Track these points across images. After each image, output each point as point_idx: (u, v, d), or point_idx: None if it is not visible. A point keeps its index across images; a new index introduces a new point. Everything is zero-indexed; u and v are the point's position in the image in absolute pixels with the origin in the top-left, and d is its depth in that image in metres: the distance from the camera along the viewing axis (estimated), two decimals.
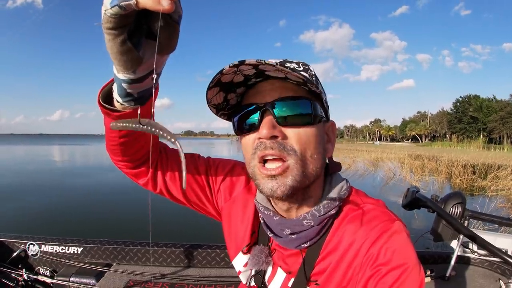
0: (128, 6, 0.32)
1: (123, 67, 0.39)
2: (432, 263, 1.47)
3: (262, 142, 0.50)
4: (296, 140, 0.50)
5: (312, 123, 0.51)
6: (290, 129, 0.50)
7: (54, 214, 5.42)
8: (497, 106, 70.54)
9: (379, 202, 0.57)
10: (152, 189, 0.67)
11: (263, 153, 0.49)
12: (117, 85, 0.44)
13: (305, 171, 0.50)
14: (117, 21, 0.34)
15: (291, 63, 0.53)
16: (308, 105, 0.51)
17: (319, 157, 0.53)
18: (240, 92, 0.54)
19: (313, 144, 0.51)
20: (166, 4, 0.31)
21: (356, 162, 14.68)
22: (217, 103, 0.55)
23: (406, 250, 0.48)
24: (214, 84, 0.50)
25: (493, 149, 29.28)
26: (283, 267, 0.60)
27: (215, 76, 0.49)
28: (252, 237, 0.65)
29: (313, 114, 0.51)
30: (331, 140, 0.58)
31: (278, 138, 0.49)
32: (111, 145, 0.57)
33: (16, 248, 1.61)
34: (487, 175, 8.90)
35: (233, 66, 0.46)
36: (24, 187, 7.92)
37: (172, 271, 1.52)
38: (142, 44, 0.39)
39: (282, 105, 0.50)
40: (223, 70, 0.47)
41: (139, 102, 0.47)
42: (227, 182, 0.69)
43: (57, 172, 11.78)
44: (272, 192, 0.49)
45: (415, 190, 1.34)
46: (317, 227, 0.53)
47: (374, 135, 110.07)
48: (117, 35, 0.36)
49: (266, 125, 0.49)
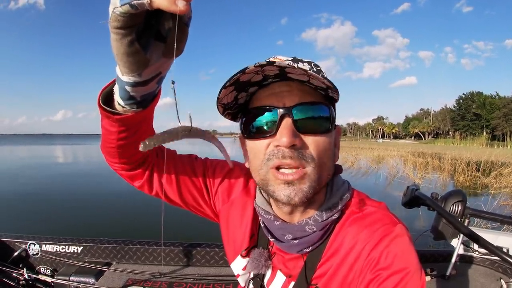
0: (140, 5, 0.30)
1: (128, 69, 0.38)
2: (432, 261, 1.46)
3: (280, 150, 0.47)
4: (314, 148, 0.48)
5: (330, 130, 0.50)
6: (309, 137, 0.48)
7: (55, 213, 5.44)
8: (500, 103, 69.94)
9: (381, 204, 0.56)
10: (148, 191, 0.66)
11: (280, 162, 0.47)
12: (119, 87, 0.43)
13: (320, 178, 0.49)
14: (127, 20, 0.32)
15: (303, 63, 0.52)
16: (327, 111, 0.49)
17: (331, 164, 0.52)
18: (252, 91, 0.52)
19: (328, 152, 0.50)
20: (182, 5, 0.30)
21: (358, 160, 14.63)
22: (227, 102, 0.52)
23: (408, 254, 0.47)
24: (231, 83, 0.47)
25: (496, 146, 29.07)
26: (283, 271, 0.59)
27: (235, 75, 0.45)
28: (251, 240, 0.64)
29: (331, 121, 0.50)
30: (337, 145, 0.57)
31: (297, 146, 0.47)
32: (108, 147, 0.56)
33: (17, 248, 1.62)
34: (491, 173, 8.84)
35: (259, 66, 0.43)
36: (25, 187, 7.96)
37: (171, 270, 1.52)
38: (150, 46, 0.37)
39: (303, 111, 0.47)
40: (246, 70, 0.44)
41: (141, 106, 0.46)
42: (225, 184, 0.68)
43: (58, 172, 11.83)
44: (289, 199, 0.47)
45: (414, 188, 1.33)
46: (319, 232, 0.53)
47: (377, 133, 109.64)
48: (125, 35, 0.34)
49: (288, 133, 0.46)
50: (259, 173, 0.51)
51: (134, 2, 0.30)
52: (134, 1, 0.30)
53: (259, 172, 0.50)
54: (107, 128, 0.50)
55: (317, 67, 0.53)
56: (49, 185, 8.52)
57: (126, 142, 0.53)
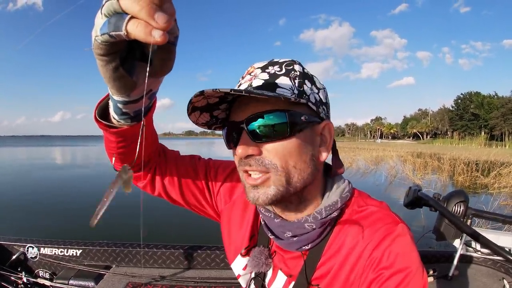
0: (118, 36, 0.30)
1: (117, 91, 0.38)
2: (434, 262, 1.46)
3: (241, 160, 0.51)
4: (274, 155, 0.49)
5: (290, 135, 0.49)
6: (266, 145, 0.49)
7: (53, 216, 5.40)
8: (499, 102, 70.28)
9: (383, 204, 0.56)
10: (151, 191, 0.67)
11: (244, 169, 0.51)
12: (112, 104, 0.43)
13: (289, 180, 0.49)
14: (108, 48, 0.32)
15: (274, 66, 0.52)
16: (283, 117, 0.48)
17: (305, 165, 0.51)
18: (223, 108, 0.54)
19: (294, 155, 0.49)
20: (158, 35, 0.29)
21: (356, 160, 14.62)
22: (205, 121, 0.55)
23: (410, 254, 0.47)
24: (190, 110, 0.51)
25: (495, 146, 29.19)
26: (284, 270, 0.59)
27: (188, 105, 0.50)
28: (252, 240, 0.64)
29: (289, 126, 0.48)
30: (327, 141, 0.54)
31: (255, 156, 0.49)
32: (110, 153, 0.57)
33: (15, 251, 1.60)
34: (490, 173, 8.85)
35: (200, 95, 0.47)
36: (23, 190, 7.91)
37: (171, 273, 1.51)
38: (136, 68, 0.37)
39: (255, 121, 0.49)
40: (192, 100, 0.48)
41: (136, 120, 0.46)
42: (227, 185, 0.69)
43: (56, 174, 11.76)
44: (254, 200, 0.51)
45: (417, 189, 1.33)
46: (318, 229, 0.53)
47: (375, 133, 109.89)
48: (108, 62, 0.34)
49: (240, 145, 0.49)
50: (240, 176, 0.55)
51: (112, 33, 0.30)
52: (112, 32, 0.30)
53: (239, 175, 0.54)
54: (106, 137, 0.52)
55: (289, 67, 0.52)
56: (47, 187, 8.47)
57: (126, 150, 0.54)
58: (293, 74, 0.52)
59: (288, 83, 0.50)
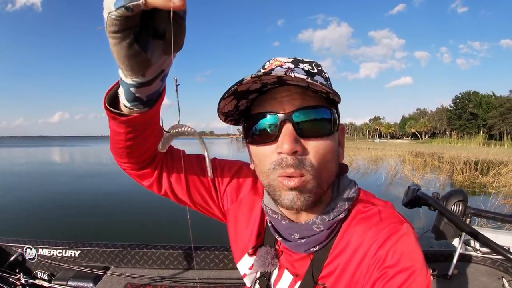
0: (135, 6, 0.30)
1: (131, 71, 0.38)
2: (434, 261, 1.45)
3: (283, 158, 0.47)
4: (315, 153, 0.48)
5: (331, 133, 0.49)
6: (310, 142, 0.48)
7: (51, 217, 5.39)
8: (497, 102, 70.49)
9: (388, 203, 0.56)
10: (157, 190, 0.66)
11: (284, 173, 0.47)
12: (124, 90, 0.43)
13: (320, 182, 0.49)
14: (123, 24, 0.32)
15: (304, 64, 0.52)
16: (328, 113, 0.49)
17: (333, 166, 0.52)
18: (252, 97, 0.52)
19: (329, 155, 0.50)
20: (177, 0, 0.29)
21: (355, 160, 14.63)
22: (228, 110, 0.52)
23: (414, 253, 0.47)
24: (229, 94, 0.47)
25: (493, 145, 29.28)
26: (290, 270, 0.59)
27: (233, 86, 0.45)
28: (258, 239, 0.64)
29: (332, 124, 0.49)
30: (342, 144, 0.56)
31: (298, 153, 0.47)
32: (116, 148, 0.56)
33: (13, 252, 1.59)
34: (489, 172, 8.87)
35: (256, 77, 0.43)
36: (21, 191, 7.89)
37: (170, 273, 1.50)
38: (149, 45, 0.37)
39: (303, 115, 0.47)
40: (243, 81, 0.44)
41: (147, 106, 0.46)
42: (234, 183, 0.68)
43: (54, 175, 11.72)
44: (293, 203, 0.49)
45: (416, 188, 1.33)
46: (326, 231, 0.53)
47: (374, 133, 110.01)
48: (123, 38, 0.34)
49: (288, 139, 0.46)
50: (267, 179, 0.51)
51: (129, 4, 0.30)
52: (129, 3, 0.30)
53: (267, 177, 0.51)
54: (114, 129, 0.51)
55: (319, 67, 0.53)
56: (46, 188, 8.44)
57: (134, 142, 0.53)
58: (324, 75, 0.53)
59: (324, 82, 0.48)
